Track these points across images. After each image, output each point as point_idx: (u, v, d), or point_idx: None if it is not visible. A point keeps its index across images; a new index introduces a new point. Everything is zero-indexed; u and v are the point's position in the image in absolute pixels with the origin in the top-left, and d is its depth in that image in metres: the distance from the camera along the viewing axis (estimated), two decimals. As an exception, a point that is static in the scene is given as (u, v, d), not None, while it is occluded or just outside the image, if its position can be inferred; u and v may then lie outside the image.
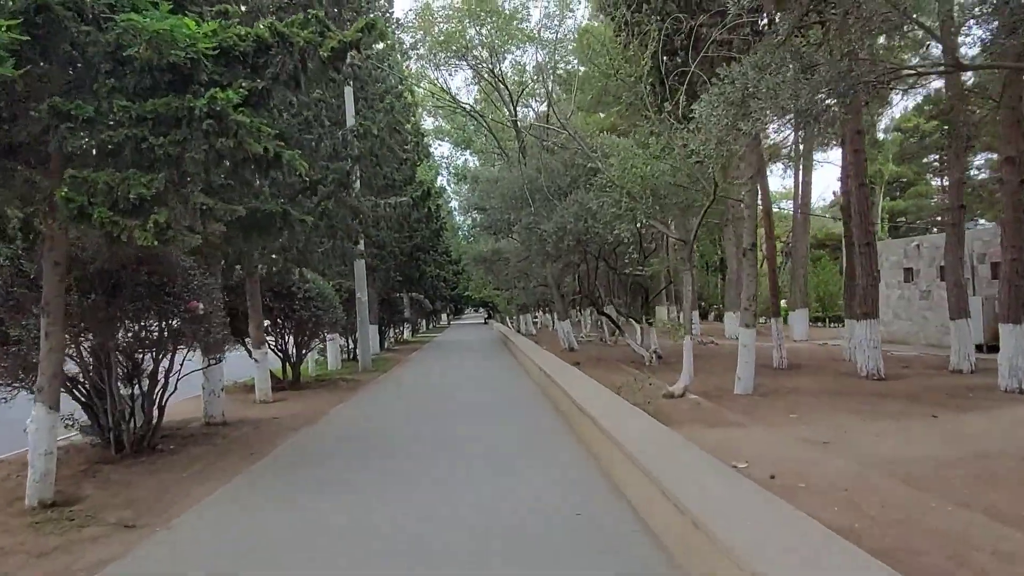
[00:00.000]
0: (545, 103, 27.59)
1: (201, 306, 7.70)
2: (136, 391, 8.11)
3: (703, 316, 40.52)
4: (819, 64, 6.37)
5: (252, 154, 5.70)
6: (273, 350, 14.74)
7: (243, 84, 5.57)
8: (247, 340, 13.01)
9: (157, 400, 8.21)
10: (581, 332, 31.26)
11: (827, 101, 6.41)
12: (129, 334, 7.88)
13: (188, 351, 8.50)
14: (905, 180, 44.82)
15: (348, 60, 14.55)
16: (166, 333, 7.85)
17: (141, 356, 8.07)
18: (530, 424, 9.12)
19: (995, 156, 34.40)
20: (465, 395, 12.66)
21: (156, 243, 5.01)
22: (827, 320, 37.48)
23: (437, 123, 39.94)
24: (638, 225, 12.44)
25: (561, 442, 7.70)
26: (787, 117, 7.37)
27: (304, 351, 15.36)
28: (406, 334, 39.23)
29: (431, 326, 57.55)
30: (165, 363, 8.20)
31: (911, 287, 20.60)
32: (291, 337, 14.92)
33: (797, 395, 11.06)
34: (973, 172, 30.98)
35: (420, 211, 23.72)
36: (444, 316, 71.83)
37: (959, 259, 13.49)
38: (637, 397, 9.32)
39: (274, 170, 6.90)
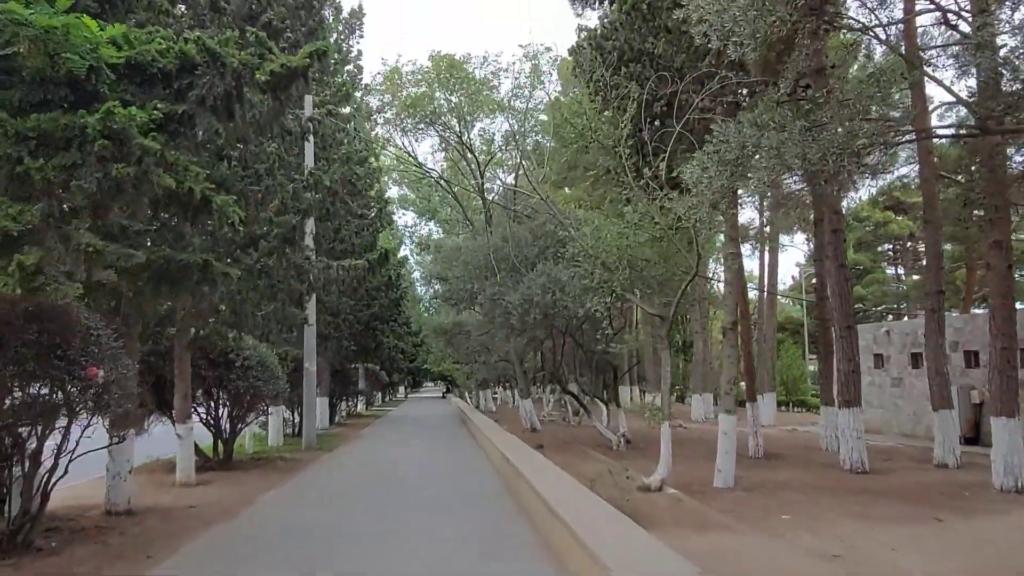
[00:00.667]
0: (513, 175, 27.32)
1: (101, 373, 6.43)
2: (17, 473, 6.71)
3: (667, 397, 39.53)
4: (826, 123, 5.79)
5: (166, 190, 4.69)
6: (204, 424, 13.21)
7: (159, 105, 4.60)
8: (174, 412, 11.53)
9: (41, 485, 6.78)
10: (543, 411, 29.99)
11: (840, 162, 5.79)
12: (17, 403, 6.58)
13: (88, 426, 7.14)
14: (862, 267, 45.67)
15: (309, 113, 13.81)
16: (56, 404, 6.53)
17: (26, 431, 6.70)
18: (489, 526, 7.82)
19: (950, 246, 35.15)
20: (415, 485, 11.25)
21: (19, 291, 3.88)
22: (790, 404, 36.87)
23: (402, 192, 39.56)
24: (610, 299, 11.60)
25: (530, 554, 6.44)
26: (783, 180, 6.72)
27: (240, 425, 13.83)
28: (360, 407, 37.36)
29: (387, 399, 55.44)
30: (58, 439, 6.85)
31: (882, 373, 20.09)
32: (225, 410, 13.41)
33: (783, 490, 10.09)
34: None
35: (379, 277, 22.65)
36: (402, 389, 69.63)
37: (940, 347, 12.89)
38: (611, 491, 8.20)
39: (203, 216, 5.87)
